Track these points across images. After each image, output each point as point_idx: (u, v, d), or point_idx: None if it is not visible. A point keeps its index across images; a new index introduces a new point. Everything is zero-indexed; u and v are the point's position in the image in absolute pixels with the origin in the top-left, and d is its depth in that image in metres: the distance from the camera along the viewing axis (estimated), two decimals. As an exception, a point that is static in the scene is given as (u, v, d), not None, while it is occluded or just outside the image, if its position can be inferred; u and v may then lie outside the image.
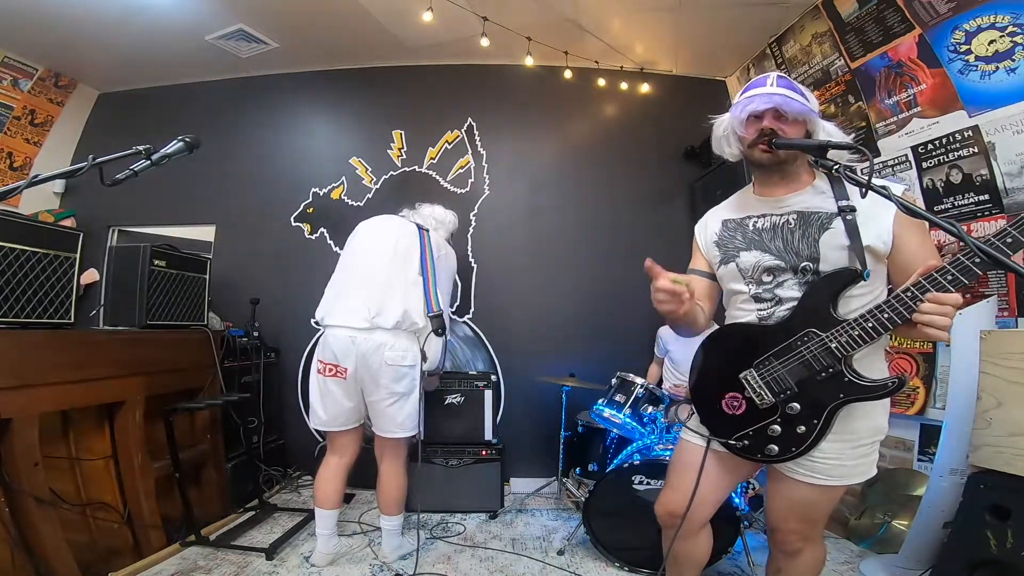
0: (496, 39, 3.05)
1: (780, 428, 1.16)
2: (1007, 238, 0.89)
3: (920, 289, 0.97)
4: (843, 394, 1.09)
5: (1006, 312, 2.00)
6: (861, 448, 1.16)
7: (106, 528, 1.98)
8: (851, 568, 2.15)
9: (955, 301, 0.93)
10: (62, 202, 3.65)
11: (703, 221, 1.43)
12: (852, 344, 1.06)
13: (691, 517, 1.29)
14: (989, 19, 2.01)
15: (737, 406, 1.21)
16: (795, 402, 1.13)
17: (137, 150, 1.10)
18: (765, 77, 1.23)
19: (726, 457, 1.28)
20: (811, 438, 1.12)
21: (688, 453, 1.33)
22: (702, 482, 1.26)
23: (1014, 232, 0.89)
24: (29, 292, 1.77)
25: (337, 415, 2.03)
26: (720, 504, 1.37)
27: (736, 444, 1.21)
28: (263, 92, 3.65)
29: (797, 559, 1.29)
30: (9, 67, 3.26)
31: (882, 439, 1.19)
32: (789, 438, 1.15)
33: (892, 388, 1.07)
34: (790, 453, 1.15)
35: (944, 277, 0.94)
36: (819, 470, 1.16)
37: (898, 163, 2.41)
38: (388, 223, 2.21)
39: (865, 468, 1.18)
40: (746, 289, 1.26)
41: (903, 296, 0.99)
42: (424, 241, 2.15)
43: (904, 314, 0.98)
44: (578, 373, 2.87)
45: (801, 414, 1.13)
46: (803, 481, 1.19)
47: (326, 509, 2.08)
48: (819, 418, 1.11)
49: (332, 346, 1.97)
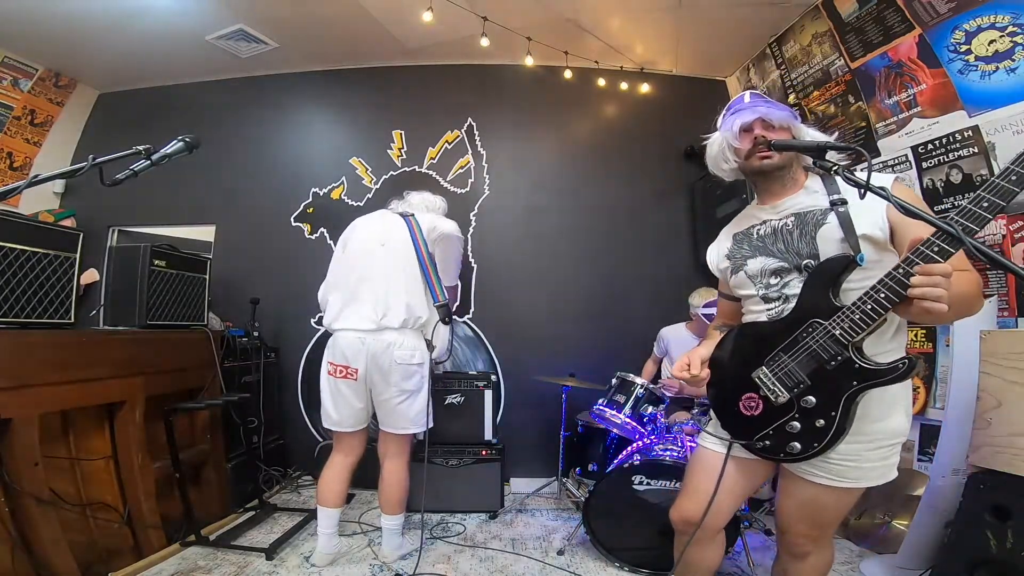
0: (496, 39, 3.05)
1: (799, 424, 1.14)
2: (983, 202, 0.90)
3: (908, 264, 0.96)
4: (856, 381, 1.07)
5: (1006, 312, 2.00)
6: (880, 451, 1.15)
7: (106, 528, 1.98)
8: (851, 568, 2.15)
9: (944, 271, 0.91)
10: (62, 202, 3.65)
11: (712, 247, 1.47)
12: (855, 328, 1.05)
13: (707, 524, 1.28)
14: (989, 19, 2.01)
15: (754, 406, 1.21)
16: (810, 395, 1.12)
17: (137, 150, 1.10)
18: (740, 97, 1.32)
19: (744, 463, 1.27)
20: (831, 431, 1.10)
21: (706, 459, 1.33)
22: (719, 489, 1.25)
23: (989, 197, 0.89)
24: (29, 292, 1.77)
25: (348, 416, 2.05)
26: (736, 510, 1.37)
27: (757, 445, 1.20)
28: (263, 92, 3.65)
29: (804, 562, 1.28)
30: (9, 67, 3.26)
31: (903, 441, 1.17)
32: (809, 434, 1.13)
33: (904, 370, 1.04)
34: (812, 449, 1.13)
35: (930, 249, 0.93)
36: (834, 471, 1.15)
37: (898, 163, 2.41)
38: (378, 220, 2.19)
39: (884, 471, 1.16)
40: (756, 293, 1.29)
41: (894, 273, 0.98)
42: (413, 229, 2.12)
43: (898, 290, 0.97)
44: (578, 373, 2.87)
45: (818, 407, 1.11)
46: (817, 483, 1.18)
47: (329, 508, 2.08)
48: (836, 409, 1.09)
49: (342, 348, 1.99)
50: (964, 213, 0.91)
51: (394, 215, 2.21)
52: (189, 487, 2.27)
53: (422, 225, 2.14)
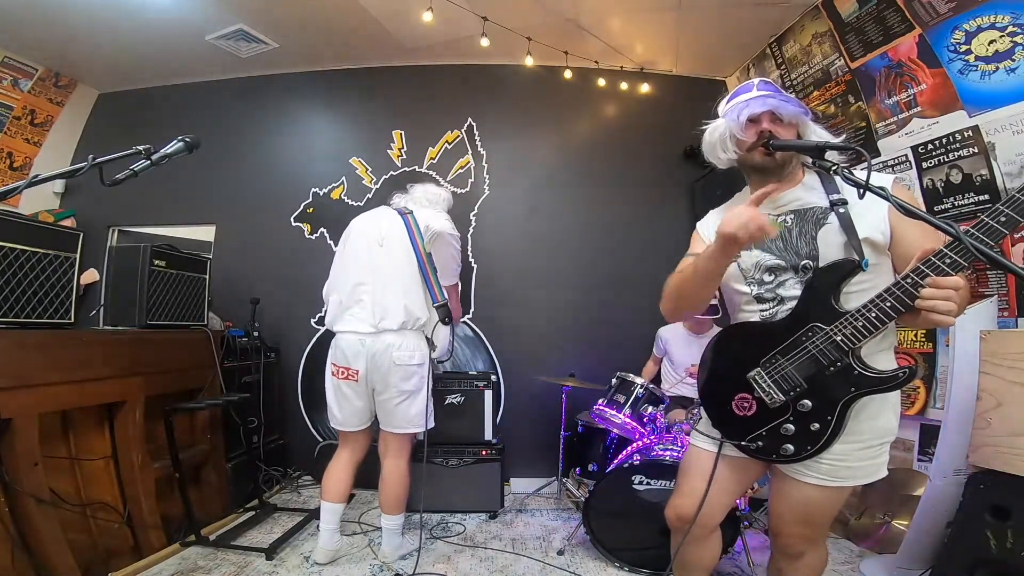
0: (496, 39, 3.05)
1: (793, 427, 1.14)
2: (1000, 216, 0.88)
3: (919, 274, 0.95)
4: (854, 388, 1.07)
5: (1006, 312, 2.00)
6: (870, 449, 1.15)
7: (106, 528, 1.98)
8: (851, 568, 2.15)
9: (955, 284, 0.91)
10: (62, 202, 3.65)
11: (707, 219, 1.43)
12: (857, 335, 1.04)
13: (701, 522, 1.28)
14: (989, 19, 2.01)
15: (748, 407, 1.20)
16: (806, 399, 1.12)
17: (137, 150, 1.10)
18: (750, 84, 1.26)
19: (736, 461, 1.27)
20: (826, 435, 1.10)
21: (698, 458, 1.33)
22: (712, 486, 1.25)
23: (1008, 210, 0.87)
24: (29, 292, 1.77)
25: (351, 416, 2.07)
26: (730, 508, 1.37)
27: (750, 446, 1.19)
28: (263, 92, 3.65)
29: (799, 562, 1.28)
30: (9, 67, 3.26)
31: (892, 440, 1.18)
32: (804, 436, 1.13)
33: (903, 378, 1.04)
34: (806, 452, 1.13)
35: (943, 261, 0.92)
36: (825, 471, 1.15)
37: (898, 163, 2.41)
38: (376, 219, 2.17)
39: (873, 469, 1.16)
40: (748, 290, 1.26)
41: (903, 283, 0.97)
42: (411, 227, 2.10)
43: (906, 300, 0.96)
44: (578, 373, 2.88)
45: (813, 411, 1.12)
46: (808, 483, 1.18)
47: (334, 503, 2.09)
48: (832, 414, 1.09)
49: (343, 349, 2.01)
50: (995, 214, 0.89)
51: (393, 212, 2.19)
52: (189, 487, 2.27)
53: (419, 223, 2.12)
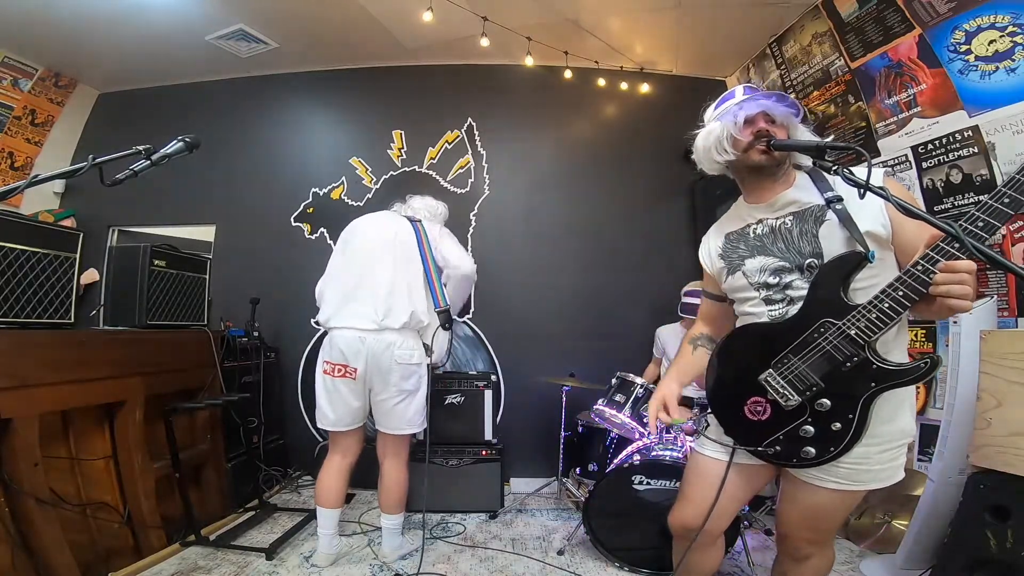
0: (496, 39, 3.05)
1: (813, 428, 1.09)
2: (1001, 200, 0.88)
3: (929, 260, 0.92)
4: (874, 383, 1.03)
5: (1006, 312, 2.00)
6: (889, 452, 1.12)
7: (106, 528, 1.98)
8: (851, 568, 2.15)
9: (969, 267, 0.88)
10: (62, 202, 3.65)
11: (704, 240, 1.42)
12: (872, 328, 1.00)
13: (707, 529, 1.26)
14: (989, 19, 2.01)
15: (762, 411, 1.15)
16: (824, 398, 1.07)
17: (137, 150, 1.10)
18: (732, 91, 1.28)
19: (744, 468, 1.24)
20: (850, 434, 1.06)
21: (704, 466, 1.29)
22: (720, 494, 1.22)
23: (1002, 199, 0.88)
24: (29, 292, 1.77)
25: (344, 415, 2.04)
26: (736, 515, 1.35)
27: (767, 451, 1.14)
28: (263, 92, 3.65)
29: (805, 564, 1.27)
30: (9, 67, 3.26)
31: (910, 441, 1.15)
32: (825, 437, 1.08)
33: (925, 369, 0.99)
34: (829, 454, 1.08)
35: (952, 245, 0.89)
36: (843, 475, 1.12)
37: (898, 163, 2.41)
38: (384, 221, 2.18)
39: (892, 472, 1.14)
40: (756, 294, 1.24)
41: (913, 270, 0.94)
42: (420, 235, 2.13)
43: (919, 288, 0.94)
44: (578, 373, 2.87)
45: (833, 410, 1.07)
46: (823, 487, 1.14)
47: (329, 508, 2.08)
48: (854, 412, 1.05)
49: (340, 346, 1.97)
50: (972, 220, 0.88)
51: (401, 218, 2.20)
52: (189, 487, 2.27)
53: (429, 235, 2.15)
